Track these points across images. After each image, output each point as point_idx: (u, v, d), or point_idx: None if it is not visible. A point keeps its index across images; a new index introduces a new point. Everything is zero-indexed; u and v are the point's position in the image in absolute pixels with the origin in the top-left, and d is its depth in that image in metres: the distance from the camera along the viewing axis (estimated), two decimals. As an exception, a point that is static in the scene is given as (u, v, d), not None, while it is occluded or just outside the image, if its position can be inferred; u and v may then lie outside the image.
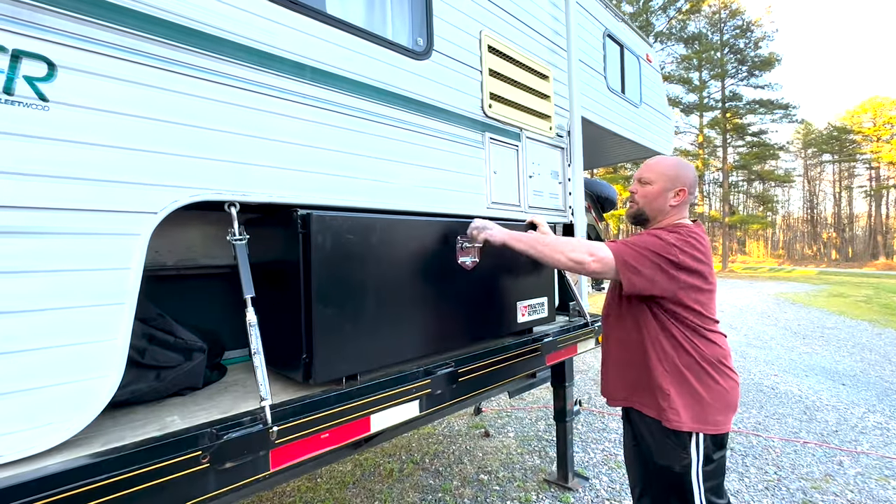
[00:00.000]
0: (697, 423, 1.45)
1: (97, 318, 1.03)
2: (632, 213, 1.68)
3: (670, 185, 1.57)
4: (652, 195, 1.59)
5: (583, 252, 1.50)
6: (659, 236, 1.49)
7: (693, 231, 1.54)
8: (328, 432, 1.31)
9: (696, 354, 1.48)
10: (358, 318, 1.44)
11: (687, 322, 1.49)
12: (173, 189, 1.16)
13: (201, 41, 1.21)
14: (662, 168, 1.60)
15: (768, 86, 31.87)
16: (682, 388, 1.48)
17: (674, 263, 1.44)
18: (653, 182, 1.59)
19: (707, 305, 1.52)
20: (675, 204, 1.59)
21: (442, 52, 1.93)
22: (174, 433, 1.06)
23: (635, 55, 3.70)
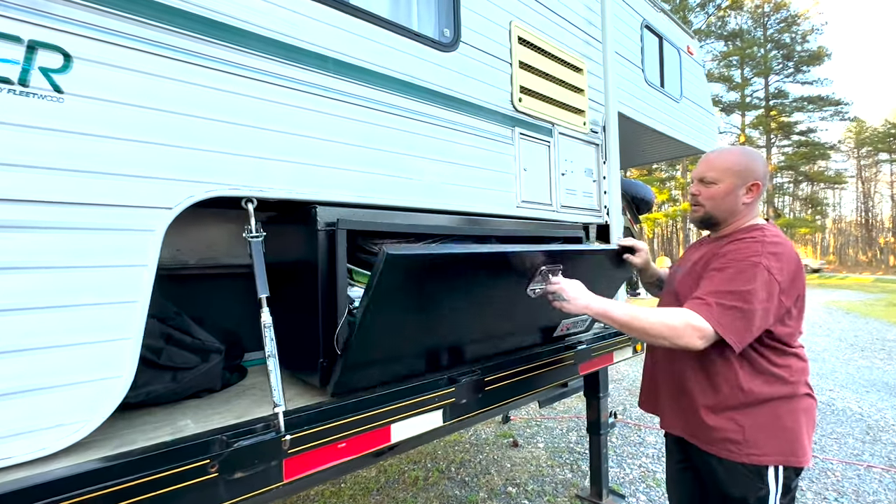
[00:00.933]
0: (781, 456, 1.25)
1: (110, 316, 1.00)
2: (698, 219, 1.45)
3: (740, 182, 1.35)
4: (720, 195, 1.37)
5: (693, 337, 1.21)
6: (741, 258, 1.25)
7: (775, 234, 1.32)
8: (345, 442, 1.23)
9: (778, 376, 1.28)
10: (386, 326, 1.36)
11: (772, 339, 1.28)
12: (188, 184, 1.12)
13: (220, 32, 1.17)
14: (727, 163, 1.36)
15: (817, 81, 30.14)
16: (762, 418, 1.27)
17: (778, 291, 1.22)
18: (718, 181, 1.36)
19: (799, 318, 1.32)
20: (749, 202, 1.37)
21: (470, 44, 1.85)
22: (184, 439, 1.01)
23: (675, 47, 3.50)
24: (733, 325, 1.21)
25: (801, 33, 29.17)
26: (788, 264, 1.26)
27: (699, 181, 1.42)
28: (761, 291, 1.21)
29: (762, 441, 1.27)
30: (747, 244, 1.30)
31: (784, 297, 1.24)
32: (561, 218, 2.25)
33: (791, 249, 1.30)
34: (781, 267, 1.24)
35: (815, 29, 29.13)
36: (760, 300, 1.21)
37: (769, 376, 1.28)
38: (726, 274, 1.27)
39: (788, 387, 1.28)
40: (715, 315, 1.22)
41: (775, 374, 1.28)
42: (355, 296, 1.38)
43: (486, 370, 1.59)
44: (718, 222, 1.43)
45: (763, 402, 1.27)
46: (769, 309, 1.22)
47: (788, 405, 1.28)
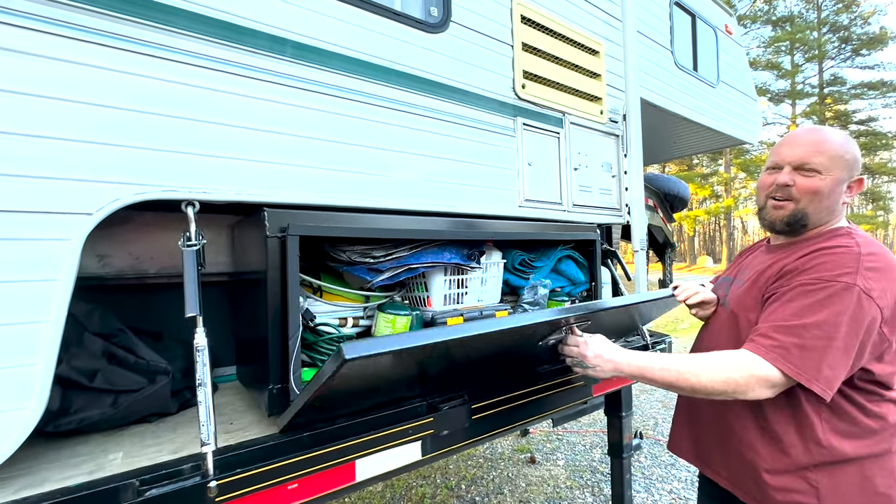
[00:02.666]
0: None
1: (9, 339, 0.86)
2: (785, 218, 1.09)
3: (847, 175, 1.05)
4: (825, 191, 1.04)
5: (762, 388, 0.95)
6: (843, 282, 0.94)
7: (875, 248, 1.00)
8: (298, 482, 1.06)
9: (870, 429, 0.98)
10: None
11: (866, 381, 0.99)
12: (113, 186, 0.98)
13: (147, 11, 1.03)
14: (837, 148, 1.04)
15: (879, 66, 27.67)
16: (845, 479, 0.98)
17: (880, 321, 0.93)
18: (825, 171, 1.03)
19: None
20: (848, 202, 1.09)
21: (461, 24, 1.64)
22: (92, 483, 0.87)
23: (711, 26, 3.15)
24: (819, 370, 0.92)
25: (861, 15, 26.90)
26: (892, 283, 0.95)
27: (797, 169, 1.06)
28: (856, 323, 0.92)
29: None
30: (837, 256, 0.98)
31: (887, 327, 0.94)
32: (573, 218, 2.01)
33: (892, 261, 0.98)
34: (884, 288, 0.94)
35: (877, 10, 26.78)
36: (855, 334, 0.92)
37: (857, 428, 0.98)
38: (809, 300, 0.96)
39: (882, 442, 0.98)
40: (793, 360, 0.93)
41: (866, 425, 0.98)
42: (317, 311, 1.21)
43: (473, 396, 1.38)
44: (807, 224, 1.09)
45: (847, 460, 0.97)
46: (866, 344, 0.93)
47: (880, 464, 0.97)
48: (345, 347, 0.74)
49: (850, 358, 0.93)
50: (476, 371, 1.29)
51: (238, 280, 1.41)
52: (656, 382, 1.05)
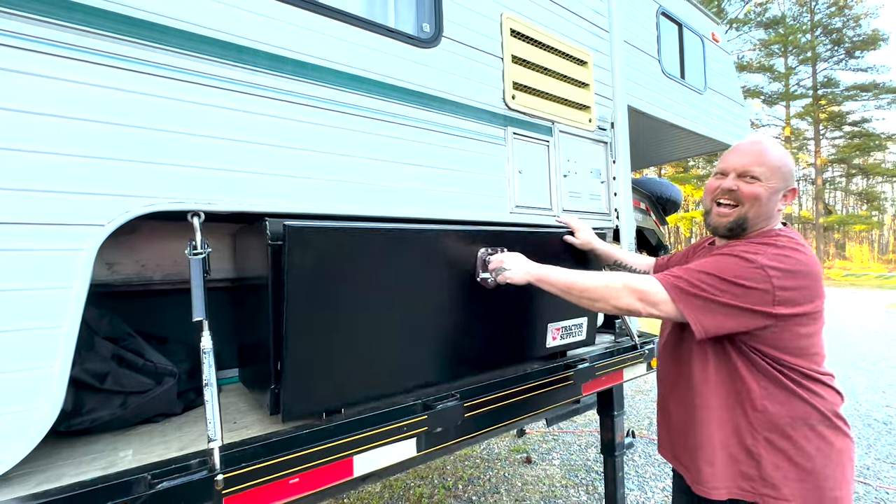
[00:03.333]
0: (805, 502, 1.07)
1: (29, 343, 0.93)
2: (728, 224, 1.21)
3: (783, 185, 1.17)
4: (764, 197, 1.16)
5: (631, 298, 1.17)
6: (742, 255, 1.10)
7: (793, 241, 1.14)
8: (299, 476, 1.12)
9: (801, 406, 1.10)
10: (340, 343, 1.25)
11: (788, 364, 1.11)
12: (123, 198, 1.04)
13: (153, 33, 1.09)
14: (774, 160, 1.16)
15: (871, 68, 27.96)
16: (782, 454, 1.10)
17: (766, 293, 1.06)
18: (764, 179, 1.15)
19: (816, 341, 1.14)
20: (782, 209, 1.21)
21: (453, 39, 1.71)
22: (109, 476, 0.93)
23: (698, 35, 3.23)
24: (694, 303, 1.09)
25: (853, 17, 27.18)
26: (799, 277, 1.07)
27: (740, 176, 1.18)
28: (750, 285, 1.06)
29: (781, 483, 1.08)
30: (755, 246, 1.13)
31: (785, 307, 1.06)
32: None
33: (809, 260, 1.11)
34: (790, 272, 1.07)
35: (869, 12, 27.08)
36: (742, 291, 1.06)
37: (792, 397, 1.10)
38: (712, 260, 1.14)
39: (812, 413, 1.10)
40: (677, 284, 1.13)
41: (799, 396, 1.10)
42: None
43: (465, 394, 1.44)
44: (748, 228, 1.20)
45: (782, 428, 1.10)
46: (754, 306, 1.06)
47: (819, 443, 1.09)
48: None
49: (731, 313, 1.07)
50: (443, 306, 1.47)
51: (240, 285, 1.47)
52: (555, 286, 1.30)
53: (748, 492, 1.12)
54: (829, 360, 1.17)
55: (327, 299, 1.22)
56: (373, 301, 1.31)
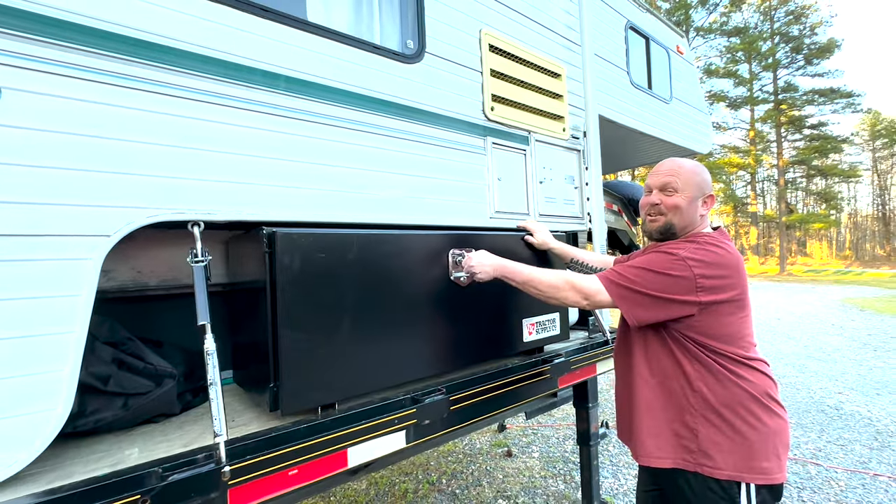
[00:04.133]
0: (738, 471, 1.23)
1: (41, 348, 0.98)
2: (658, 229, 1.42)
3: (699, 193, 1.39)
4: (684, 205, 1.37)
5: (574, 293, 1.39)
6: (668, 251, 1.29)
7: (716, 239, 1.33)
8: (297, 468, 1.21)
9: (732, 388, 1.26)
10: (334, 343, 1.33)
11: (717, 350, 1.27)
12: (127, 210, 1.10)
13: (156, 53, 1.16)
14: (688, 175, 1.38)
15: (828, 73, 29.52)
16: (716, 429, 1.26)
17: (688, 281, 1.24)
18: (681, 190, 1.37)
19: (741, 327, 1.30)
20: (704, 213, 1.41)
21: (435, 54, 1.82)
22: (120, 472, 1.00)
23: (664, 47, 3.43)
24: (626, 295, 1.29)
25: (809, 25, 28.62)
26: (718, 267, 1.26)
27: (661, 190, 1.40)
28: (674, 274, 1.24)
29: (715, 453, 1.24)
30: (678, 243, 1.34)
31: (707, 294, 1.23)
32: (539, 227, 2.21)
33: (728, 254, 1.29)
34: (708, 264, 1.25)
35: (824, 21, 28.58)
36: (668, 280, 1.24)
37: (724, 380, 1.26)
38: (642, 257, 1.33)
39: (743, 394, 1.25)
40: (612, 279, 1.33)
41: (730, 379, 1.26)
42: (310, 317, 1.35)
43: (451, 388, 1.55)
44: (676, 233, 1.40)
45: (721, 412, 1.25)
46: (679, 295, 1.24)
47: (750, 419, 1.25)
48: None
49: (659, 302, 1.25)
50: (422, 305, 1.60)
51: (236, 290, 1.53)
52: (515, 280, 1.51)
53: (689, 462, 1.28)
54: (787, 349, 1.34)
55: (319, 301, 1.31)
56: (360, 301, 1.40)
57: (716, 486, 1.24)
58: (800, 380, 5.32)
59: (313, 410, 1.32)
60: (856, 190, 53.12)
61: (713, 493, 1.24)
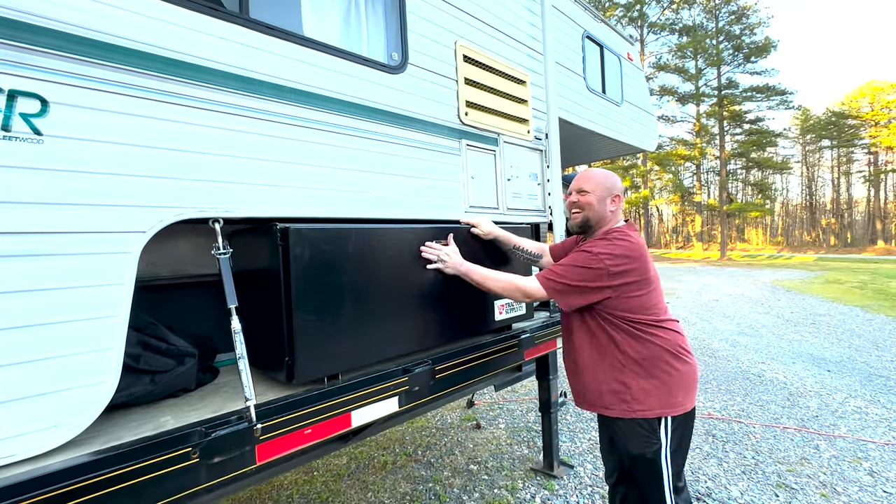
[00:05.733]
0: (662, 408, 1.58)
1: (94, 330, 1.14)
2: (578, 223, 1.78)
3: (607, 193, 1.74)
4: (593, 202, 1.73)
5: (519, 293, 1.73)
6: (587, 249, 1.63)
7: (622, 233, 1.67)
8: (311, 428, 1.42)
9: (650, 346, 1.60)
10: (337, 322, 1.55)
11: (634, 319, 1.61)
12: (160, 209, 1.26)
13: (180, 70, 1.31)
14: (598, 179, 1.75)
15: (765, 72, 31.72)
16: (642, 379, 1.60)
17: (602, 271, 1.57)
18: (591, 191, 1.74)
19: (649, 299, 1.64)
20: (614, 209, 1.75)
21: (417, 65, 2.02)
22: (167, 432, 1.18)
23: (616, 55, 3.78)
24: (559, 289, 1.64)
25: (749, 26, 30.58)
26: (624, 253, 1.60)
27: (577, 192, 1.77)
28: (591, 267, 1.58)
29: (644, 398, 1.59)
30: (595, 241, 1.68)
31: (618, 279, 1.59)
32: (508, 220, 2.48)
33: (634, 243, 1.65)
34: (617, 255, 1.59)
35: (762, 21, 30.61)
36: (587, 273, 1.59)
37: (643, 341, 1.61)
38: (569, 258, 1.68)
39: (659, 349, 1.60)
40: (546, 277, 1.66)
41: (647, 339, 1.61)
42: (316, 300, 1.55)
43: (436, 360, 1.80)
44: (592, 225, 1.76)
45: (640, 362, 1.60)
46: (596, 282, 1.59)
47: (666, 367, 1.60)
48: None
49: (582, 290, 1.61)
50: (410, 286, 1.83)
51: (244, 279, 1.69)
52: (473, 281, 1.81)
53: (627, 411, 1.61)
54: (721, 328, 1.70)
55: (324, 286, 1.51)
56: (358, 286, 1.62)
57: (644, 424, 1.59)
58: (731, 353, 6.00)
59: (320, 380, 1.53)
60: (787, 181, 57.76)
61: (641, 429, 1.59)
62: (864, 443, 3.35)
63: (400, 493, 2.86)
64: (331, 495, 2.89)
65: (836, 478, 2.88)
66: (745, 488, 2.79)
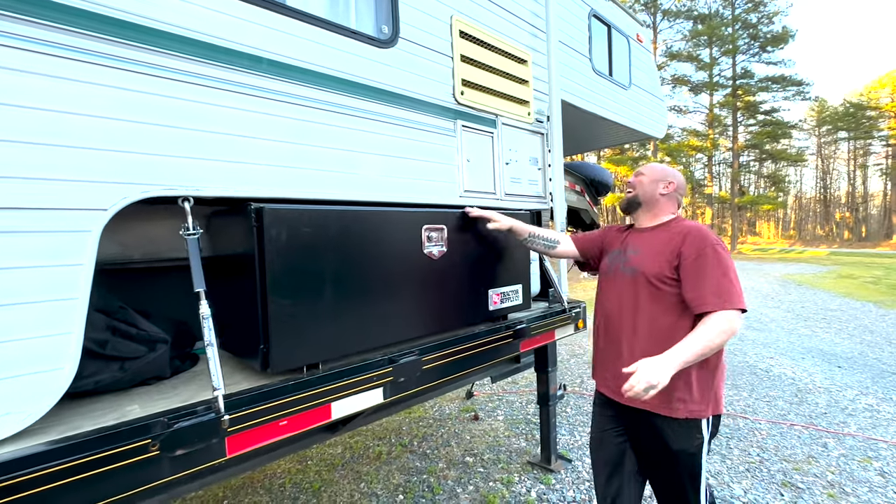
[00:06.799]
0: (715, 408, 1.55)
1: (50, 313, 1.07)
2: (626, 199, 1.81)
3: (661, 177, 1.76)
4: (645, 182, 1.77)
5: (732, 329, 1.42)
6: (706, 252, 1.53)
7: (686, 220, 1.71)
8: (287, 419, 1.35)
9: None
10: (318, 309, 1.47)
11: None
12: (123, 186, 1.18)
13: (145, 35, 1.21)
14: (654, 167, 1.81)
15: (781, 62, 30.88)
16: (704, 378, 1.53)
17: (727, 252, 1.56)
18: (647, 174, 1.79)
19: None
20: (665, 192, 1.73)
21: (409, 40, 1.91)
22: (127, 422, 1.11)
23: (624, 35, 3.61)
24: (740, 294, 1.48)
25: (767, 14, 29.71)
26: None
27: (634, 175, 1.82)
28: (730, 261, 1.53)
29: (701, 398, 1.52)
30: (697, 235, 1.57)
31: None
32: (505, 206, 2.38)
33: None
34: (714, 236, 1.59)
35: (780, 10, 29.72)
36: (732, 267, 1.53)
37: None
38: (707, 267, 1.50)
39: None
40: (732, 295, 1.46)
41: None
42: (295, 286, 1.47)
43: (424, 350, 1.72)
44: (641, 202, 1.77)
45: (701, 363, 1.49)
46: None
47: (716, 363, 1.55)
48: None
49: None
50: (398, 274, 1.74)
51: (221, 263, 1.62)
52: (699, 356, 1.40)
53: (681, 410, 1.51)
54: None
55: (303, 271, 1.43)
56: (341, 272, 1.53)
57: (694, 422, 1.52)
58: (738, 347, 5.87)
59: (299, 369, 1.46)
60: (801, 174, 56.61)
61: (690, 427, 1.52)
62: (874, 442, 3.23)
63: (393, 485, 2.81)
64: (323, 485, 2.84)
65: (845, 477, 2.77)
66: (748, 486, 2.70)
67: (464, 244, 1.97)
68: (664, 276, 1.56)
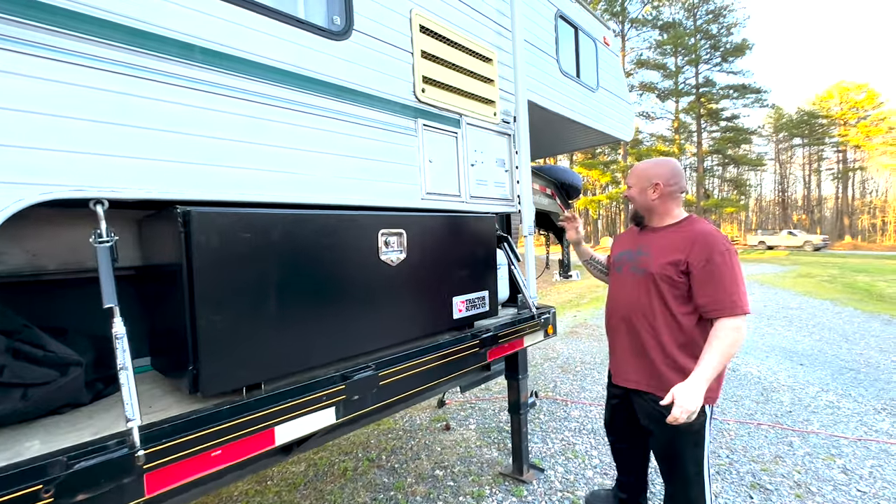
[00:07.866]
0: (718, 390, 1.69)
1: (-85, 337, 0.89)
2: (632, 213, 1.86)
3: (646, 183, 1.74)
4: (635, 195, 1.79)
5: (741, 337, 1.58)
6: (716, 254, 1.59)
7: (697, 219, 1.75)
8: (220, 449, 1.20)
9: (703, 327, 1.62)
10: (257, 324, 1.32)
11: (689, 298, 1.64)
12: (16, 186, 1.01)
13: (40, 13, 1.05)
14: (637, 171, 1.79)
15: (741, 72, 32.31)
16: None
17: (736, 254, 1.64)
18: (632, 185, 1.79)
19: None
20: (656, 197, 1.73)
21: (363, 32, 1.79)
22: (15, 464, 0.94)
23: (591, 38, 3.60)
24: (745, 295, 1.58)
25: (726, 25, 31.03)
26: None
27: (627, 188, 1.84)
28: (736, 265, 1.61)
29: (715, 383, 1.60)
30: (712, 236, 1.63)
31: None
32: (471, 209, 2.28)
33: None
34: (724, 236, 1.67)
35: (738, 22, 31.09)
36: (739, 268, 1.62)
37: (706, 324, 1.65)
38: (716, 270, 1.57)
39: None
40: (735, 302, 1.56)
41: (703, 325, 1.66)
42: (233, 298, 1.33)
43: (380, 365, 1.60)
44: (644, 215, 1.82)
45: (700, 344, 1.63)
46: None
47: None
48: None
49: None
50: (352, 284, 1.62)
51: (151, 273, 1.46)
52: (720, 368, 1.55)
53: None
54: None
55: (239, 282, 1.29)
56: (285, 282, 1.40)
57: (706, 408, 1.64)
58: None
59: (238, 391, 1.31)
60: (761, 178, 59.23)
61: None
62: (836, 438, 3.29)
63: (358, 503, 2.66)
64: (283, 508, 2.66)
65: (811, 476, 2.79)
66: (719, 490, 2.68)
67: (426, 250, 1.86)
68: (672, 277, 1.65)
